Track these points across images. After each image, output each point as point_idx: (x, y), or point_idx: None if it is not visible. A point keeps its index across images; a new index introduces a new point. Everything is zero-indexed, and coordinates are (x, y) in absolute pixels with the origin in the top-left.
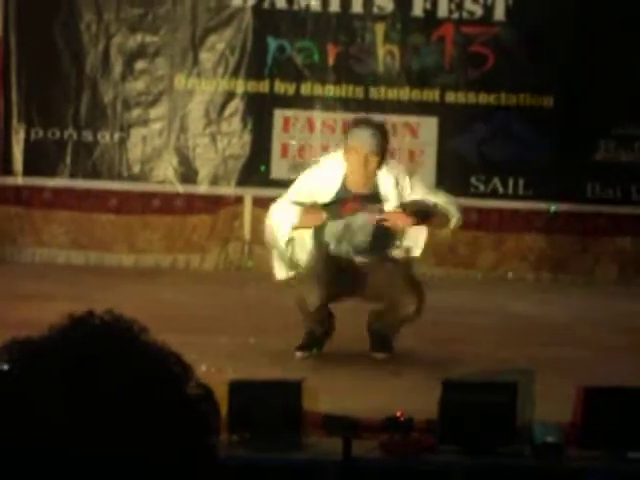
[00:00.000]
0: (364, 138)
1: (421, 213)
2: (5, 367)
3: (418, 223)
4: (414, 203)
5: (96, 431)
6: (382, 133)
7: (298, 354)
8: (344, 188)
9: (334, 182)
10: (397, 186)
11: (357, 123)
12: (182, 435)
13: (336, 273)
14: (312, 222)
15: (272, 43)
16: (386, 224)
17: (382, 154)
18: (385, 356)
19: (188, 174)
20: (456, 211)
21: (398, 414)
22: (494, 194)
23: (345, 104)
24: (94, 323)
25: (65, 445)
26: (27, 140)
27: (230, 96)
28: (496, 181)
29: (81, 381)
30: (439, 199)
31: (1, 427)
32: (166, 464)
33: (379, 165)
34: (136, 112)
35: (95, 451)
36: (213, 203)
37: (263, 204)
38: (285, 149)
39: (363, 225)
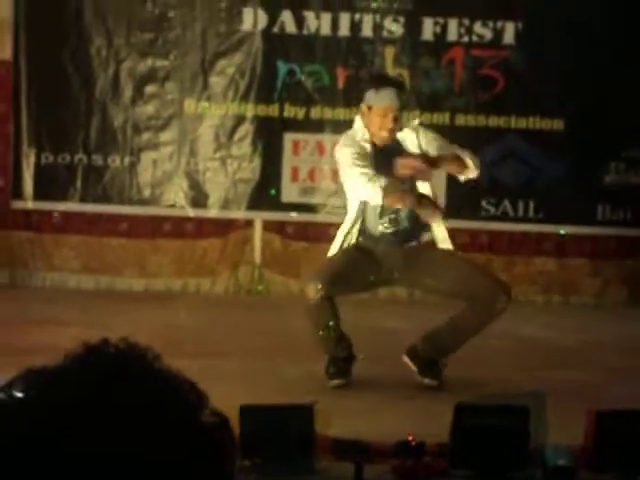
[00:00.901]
0: (387, 99)
1: (433, 158)
2: (20, 396)
3: (432, 165)
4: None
5: (111, 461)
6: (401, 88)
7: (333, 382)
8: (372, 143)
9: (364, 142)
10: (419, 144)
11: (375, 83)
12: (198, 464)
13: (360, 265)
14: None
15: (282, 67)
16: (398, 171)
17: (400, 110)
18: (436, 383)
19: (198, 198)
20: (469, 157)
21: (410, 438)
22: (504, 217)
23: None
24: (109, 351)
25: (80, 475)
26: (37, 164)
27: (240, 120)
28: (506, 204)
29: (96, 410)
30: (456, 149)
31: (15, 456)
32: None
33: (397, 121)
34: (146, 136)
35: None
36: (223, 227)
37: (273, 228)
38: (295, 173)
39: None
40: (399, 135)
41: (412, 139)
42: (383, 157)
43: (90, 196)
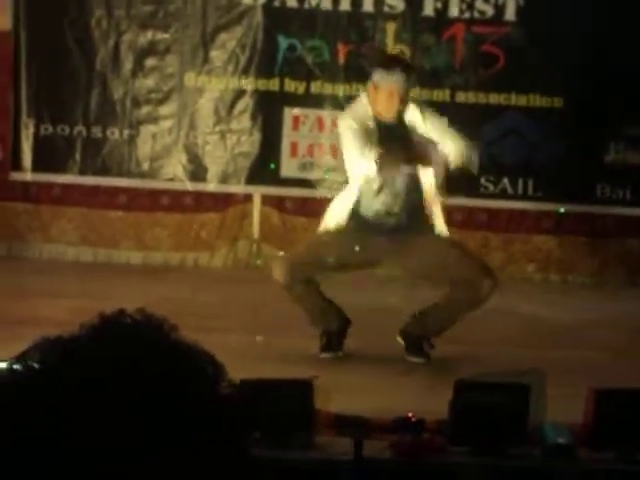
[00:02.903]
0: (396, 76)
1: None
2: (37, 366)
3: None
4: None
5: (131, 430)
6: (409, 69)
7: (323, 355)
8: (376, 120)
9: (368, 118)
10: (423, 122)
11: (385, 63)
12: (217, 434)
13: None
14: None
15: (283, 42)
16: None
17: (410, 85)
18: (423, 361)
19: (197, 172)
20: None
21: (409, 415)
22: (503, 195)
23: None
24: (125, 322)
25: (101, 444)
26: (36, 136)
27: (240, 94)
28: (505, 182)
29: (115, 380)
30: (448, 138)
31: (35, 425)
32: (201, 464)
33: (403, 101)
34: (146, 109)
35: (130, 450)
36: (222, 201)
37: (272, 202)
38: (294, 148)
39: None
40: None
41: (416, 116)
42: (387, 134)
43: (89, 168)
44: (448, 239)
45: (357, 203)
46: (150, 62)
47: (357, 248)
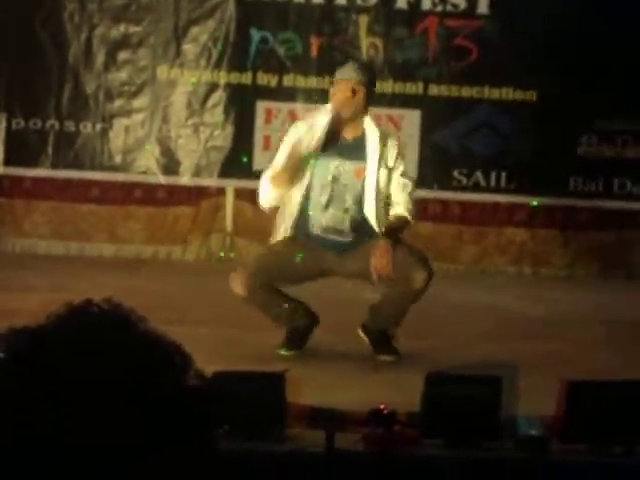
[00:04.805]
0: (349, 70)
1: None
2: (2, 356)
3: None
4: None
5: (96, 420)
6: (368, 68)
7: (282, 352)
8: (330, 133)
9: (320, 128)
10: (383, 146)
11: (343, 62)
12: (183, 425)
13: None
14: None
15: (255, 35)
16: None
17: (369, 87)
18: (394, 359)
19: (170, 165)
20: (409, 215)
21: (381, 407)
22: (476, 187)
23: (328, 96)
24: (92, 311)
25: (65, 433)
26: (8, 130)
27: (213, 87)
28: (478, 175)
29: (81, 369)
30: (402, 199)
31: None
32: (166, 455)
33: (366, 98)
34: (118, 103)
35: (94, 440)
36: (195, 194)
37: (245, 196)
38: (267, 141)
39: (351, 180)
40: (366, 127)
41: (379, 143)
42: (343, 147)
43: (61, 162)
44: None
45: (305, 216)
46: (123, 55)
47: (306, 263)
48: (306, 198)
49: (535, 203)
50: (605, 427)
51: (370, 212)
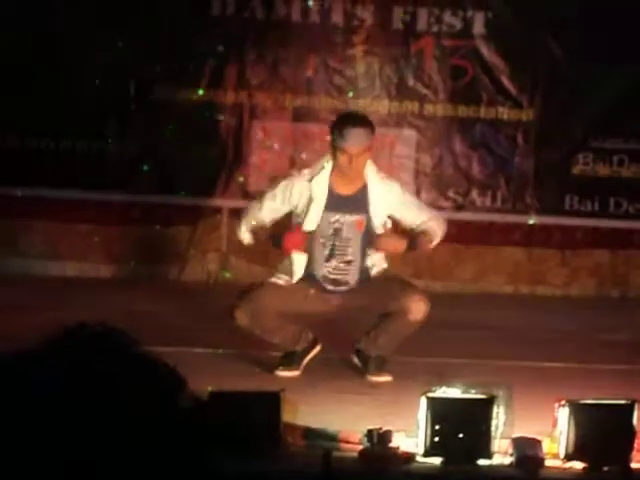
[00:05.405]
0: (353, 138)
1: (411, 237)
2: None
3: (408, 248)
4: (404, 224)
5: (88, 440)
6: (368, 128)
7: (280, 372)
8: (331, 191)
9: (320, 186)
10: (387, 193)
11: (343, 122)
12: (175, 447)
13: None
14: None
15: None
16: (379, 249)
17: (369, 149)
18: (388, 379)
19: (167, 184)
20: (439, 229)
21: (377, 426)
22: (472, 207)
23: (324, 116)
24: (86, 334)
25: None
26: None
27: (210, 107)
28: (474, 194)
29: (73, 392)
30: (426, 216)
31: None
32: (162, 475)
33: (366, 160)
34: (114, 121)
35: (89, 462)
36: (192, 214)
37: (240, 215)
38: (264, 161)
39: (352, 232)
40: (368, 181)
41: (381, 193)
42: (343, 202)
43: (59, 181)
44: (387, 275)
45: (309, 264)
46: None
47: (309, 298)
48: (311, 250)
49: (531, 222)
50: (601, 447)
51: (372, 262)
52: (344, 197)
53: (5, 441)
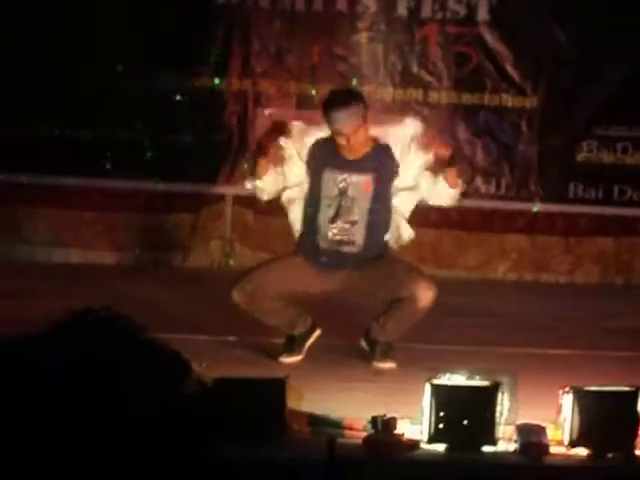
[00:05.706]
0: (342, 121)
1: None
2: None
3: (449, 162)
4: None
5: (92, 426)
6: (355, 105)
7: (282, 358)
8: (337, 154)
9: (328, 147)
10: (390, 158)
11: (329, 106)
12: (179, 433)
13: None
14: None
15: None
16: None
17: (364, 122)
18: (392, 366)
19: (170, 171)
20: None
21: (382, 413)
22: (476, 194)
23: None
24: (92, 319)
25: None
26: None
27: (215, 94)
28: (478, 181)
29: (79, 376)
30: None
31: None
32: (166, 460)
33: (366, 131)
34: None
35: (93, 444)
36: (196, 201)
37: (244, 202)
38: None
39: (359, 192)
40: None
41: (383, 156)
42: (350, 163)
43: (63, 168)
44: (390, 258)
45: (314, 229)
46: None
47: (313, 285)
48: (315, 212)
49: (535, 209)
50: (605, 434)
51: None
52: (351, 160)
53: (13, 424)
